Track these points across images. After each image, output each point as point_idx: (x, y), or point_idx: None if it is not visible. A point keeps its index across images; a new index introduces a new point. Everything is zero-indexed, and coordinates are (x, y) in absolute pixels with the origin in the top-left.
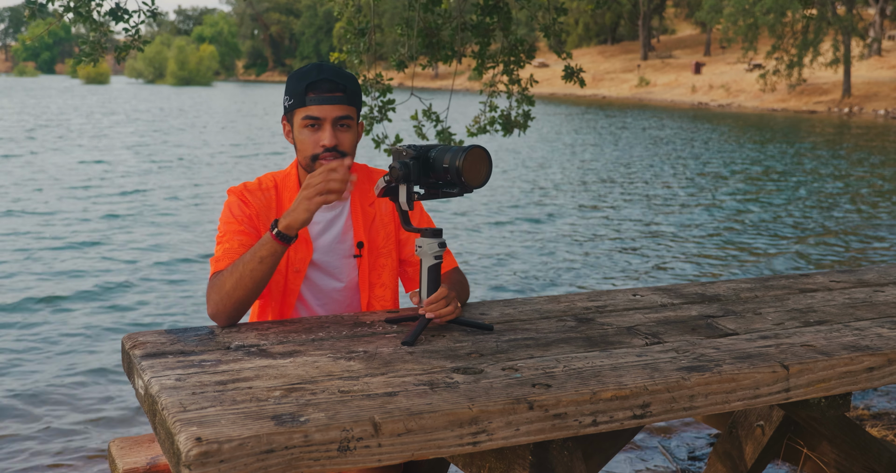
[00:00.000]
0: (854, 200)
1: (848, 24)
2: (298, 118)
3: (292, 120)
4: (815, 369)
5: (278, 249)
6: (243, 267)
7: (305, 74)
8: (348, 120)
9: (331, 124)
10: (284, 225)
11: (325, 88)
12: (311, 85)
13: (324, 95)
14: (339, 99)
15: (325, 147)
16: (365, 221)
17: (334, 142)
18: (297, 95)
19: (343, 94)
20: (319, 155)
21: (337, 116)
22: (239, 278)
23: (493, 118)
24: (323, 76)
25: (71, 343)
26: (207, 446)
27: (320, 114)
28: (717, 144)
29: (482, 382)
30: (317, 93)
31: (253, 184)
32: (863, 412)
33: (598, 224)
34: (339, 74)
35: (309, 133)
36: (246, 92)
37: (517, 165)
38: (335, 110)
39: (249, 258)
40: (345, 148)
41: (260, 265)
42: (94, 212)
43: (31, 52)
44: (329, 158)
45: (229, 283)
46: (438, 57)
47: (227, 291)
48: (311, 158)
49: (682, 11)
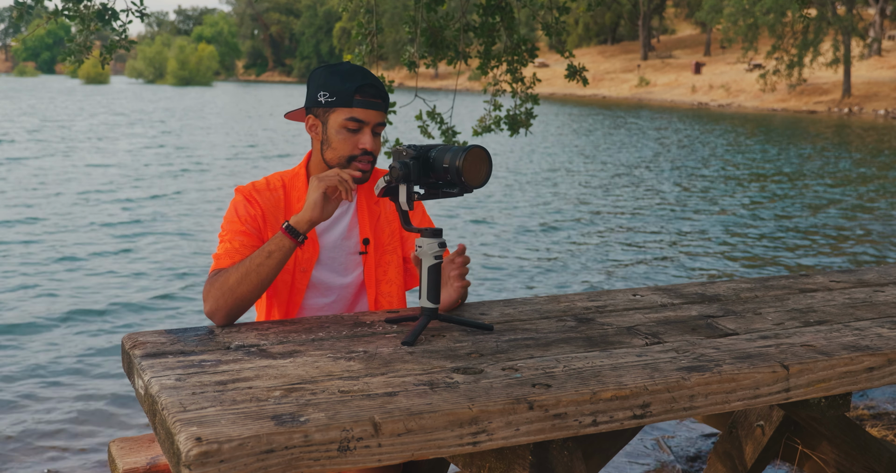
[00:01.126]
0: (854, 200)
1: (848, 24)
2: (339, 117)
3: (327, 116)
4: (815, 369)
5: (286, 243)
6: (249, 262)
7: (350, 75)
8: (381, 127)
9: (371, 129)
10: (295, 221)
11: (371, 92)
12: (361, 88)
13: (370, 99)
14: (380, 106)
15: (365, 150)
16: (371, 218)
17: (374, 147)
18: (341, 95)
19: (382, 101)
20: (357, 157)
21: (377, 122)
22: (244, 274)
23: (499, 118)
24: (368, 81)
25: (71, 343)
26: (207, 446)
27: (365, 118)
28: (717, 145)
29: (482, 382)
30: (364, 97)
31: (261, 183)
32: (863, 413)
33: (598, 224)
34: (378, 81)
35: (348, 135)
36: (248, 92)
37: (517, 165)
38: (377, 116)
39: (257, 254)
40: (376, 153)
41: (268, 260)
42: (96, 212)
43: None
44: (365, 161)
45: (233, 278)
46: (443, 57)
47: (230, 286)
48: (348, 158)
49: (682, 11)
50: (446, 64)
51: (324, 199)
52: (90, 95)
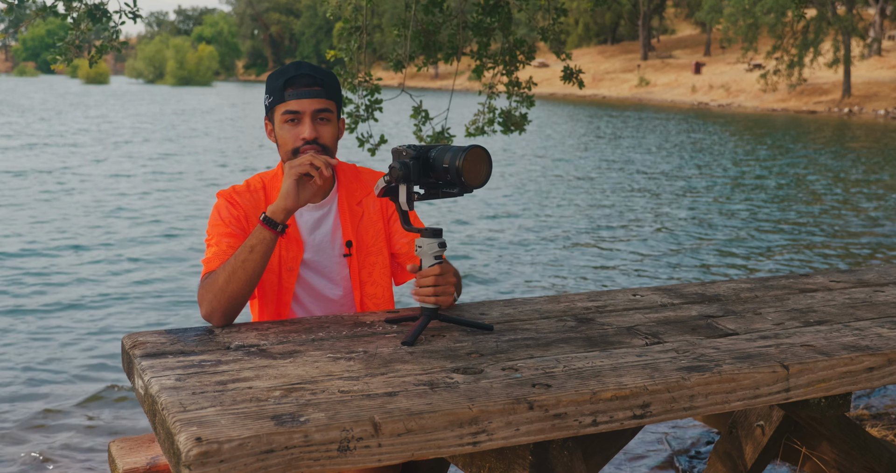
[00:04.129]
0: (854, 200)
1: (848, 24)
2: (278, 114)
3: (273, 117)
4: (815, 369)
5: (267, 236)
6: (234, 260)
7: (283, 71)
8: (327, 113)
9: (310, 118)
10: (271, 210)
11: (303, 82)
12: (289, 81)
13: (301, 89)
14: (318, 93)
15: (305, 140)
16: (353, 220)
17: (314, 135)
18: (275, 92)
19: (321, 88)
20: (300, 148)
21: (316, 109)
22: (231, 272)
23: (491, 119)
24: (300, 72)
25: (71, 343)
26: (207, 446)
27: (299, 107)
28: (717, 145)
29: (482, 382)
30: (295, 88)
31: (241, 186)
32: (863, 413)
33: (598, 224)
34: (316, 70)
35: (289, 128)
36: (249, 92)
37: (517, 164)
38: (314, 104)
39: (240, 250)
40: (325, 141)
41: (251, 255)
42: (95, 212)
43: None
44: (309, 150)
45: (222, 278)
46: (435, 58)
47: (220, 286)
48: (292, 151)
49: (682, 11)
50: (442, 62)
51: (297, 186)
52: (94, 96)
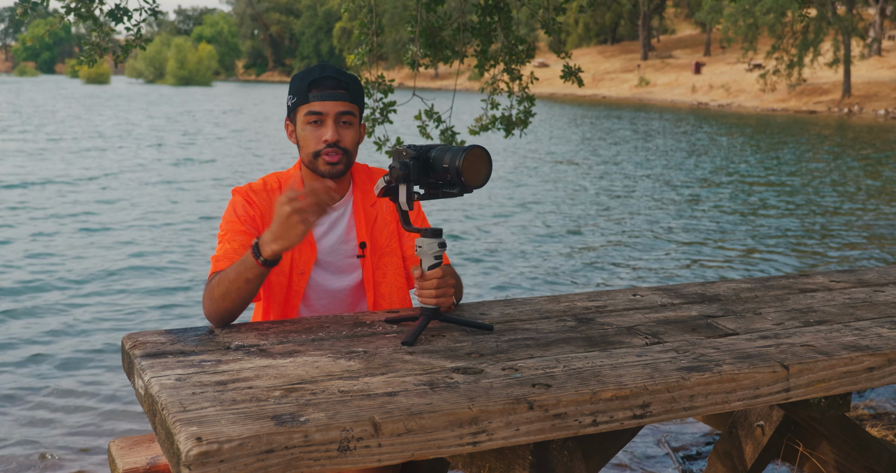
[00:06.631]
0: (854, 200)
1: (848, 24)
2: (301, 115)
3: (295, 118)
4: (815, 369)
5: (265, 271)
6: (229, 284)
7: (308, 72)
8: (350, 116)
9: (333, 120)
10: (263, 242)
11: (328, 84)
12: (314, 82)
13: (326, 91)
14: (342, 96)
15: (328, 142)
16: (367, 221)
17: (336, 137)
18: (299, 93)
19: (345, 91)
20: (322, 151)
21: (339, 112)
22: (226, 292)
23: (495, 117)
24: (326, 74)
25: (71, 343)
26: (207, 446)
27: (322, 109)
28: (717, 144)
29: (482, 382)
30: (319, 89)
31: (258, 184)
32: (863, 413)
33: (598, 224)
34: (341, 73)
35: (312, 129)
36: (250, 92)
37: (517, 164)
38: (337, 106)
39: (235, 277)
40: (346, 144)
41: (246, 285)
42: (97, 212)
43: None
44: (331, 153)
45: (217, 292)
46: (441, 57)
47: (215, 299)
48: (314, 154)
49: (682, 11)
50: (443, 63)
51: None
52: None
